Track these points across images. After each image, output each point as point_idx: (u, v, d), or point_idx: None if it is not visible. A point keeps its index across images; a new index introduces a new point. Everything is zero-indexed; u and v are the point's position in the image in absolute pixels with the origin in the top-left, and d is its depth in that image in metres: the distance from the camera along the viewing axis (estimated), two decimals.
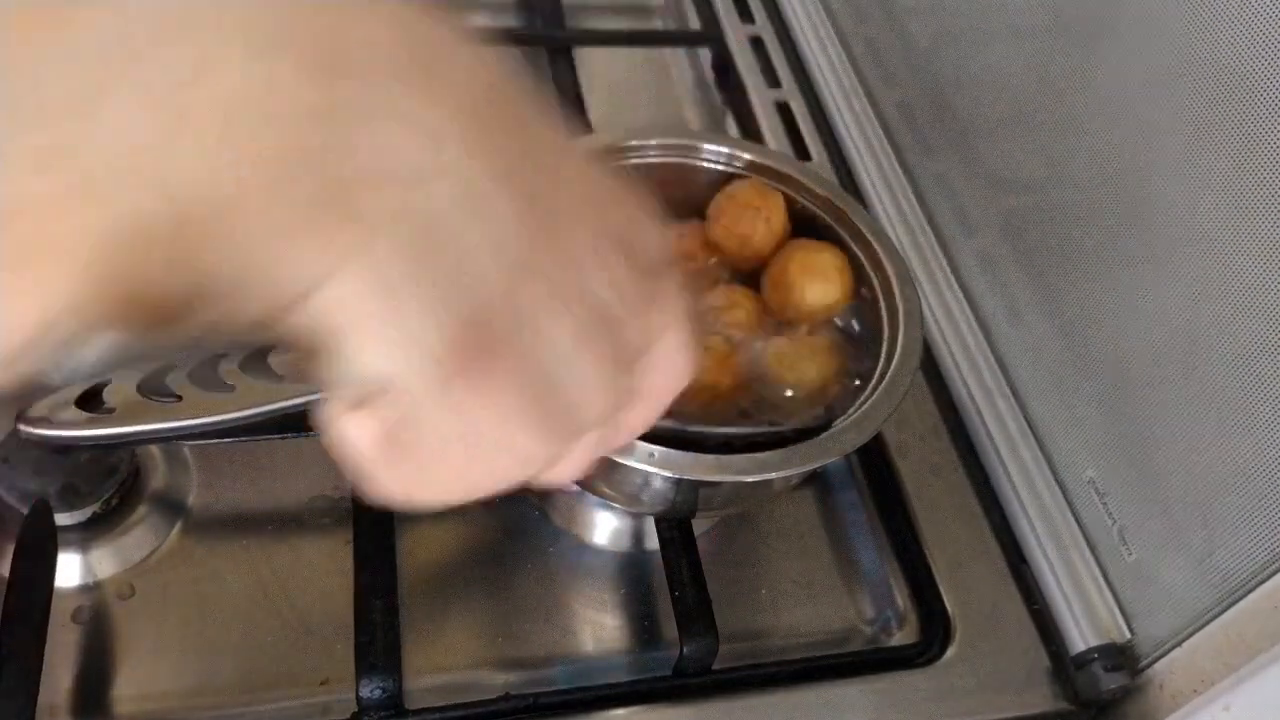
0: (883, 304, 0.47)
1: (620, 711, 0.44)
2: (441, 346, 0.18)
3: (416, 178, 0.17)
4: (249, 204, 0.15)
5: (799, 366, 0.46)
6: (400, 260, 0.17)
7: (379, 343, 0.17)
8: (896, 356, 0.44)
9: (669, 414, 0.25)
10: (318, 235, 0.16)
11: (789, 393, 0.46)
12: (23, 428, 0.30)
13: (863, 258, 0.48)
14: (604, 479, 0.42)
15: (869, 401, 0.42)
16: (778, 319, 0.49)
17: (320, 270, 0.16)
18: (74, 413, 0.29)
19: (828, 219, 0.50)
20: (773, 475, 0.40)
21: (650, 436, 0.39)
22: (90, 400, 0.29)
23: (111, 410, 0.29)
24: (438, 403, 0.18)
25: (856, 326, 0.48)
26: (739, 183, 0.50)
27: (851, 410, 0.42)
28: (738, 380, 0.45)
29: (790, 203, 0.50)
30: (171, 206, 0.15)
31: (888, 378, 0.43)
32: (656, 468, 0.38)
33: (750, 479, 0.40)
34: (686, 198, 0.52)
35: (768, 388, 0.46)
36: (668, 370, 0.24)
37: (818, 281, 0.47)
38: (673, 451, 0.38)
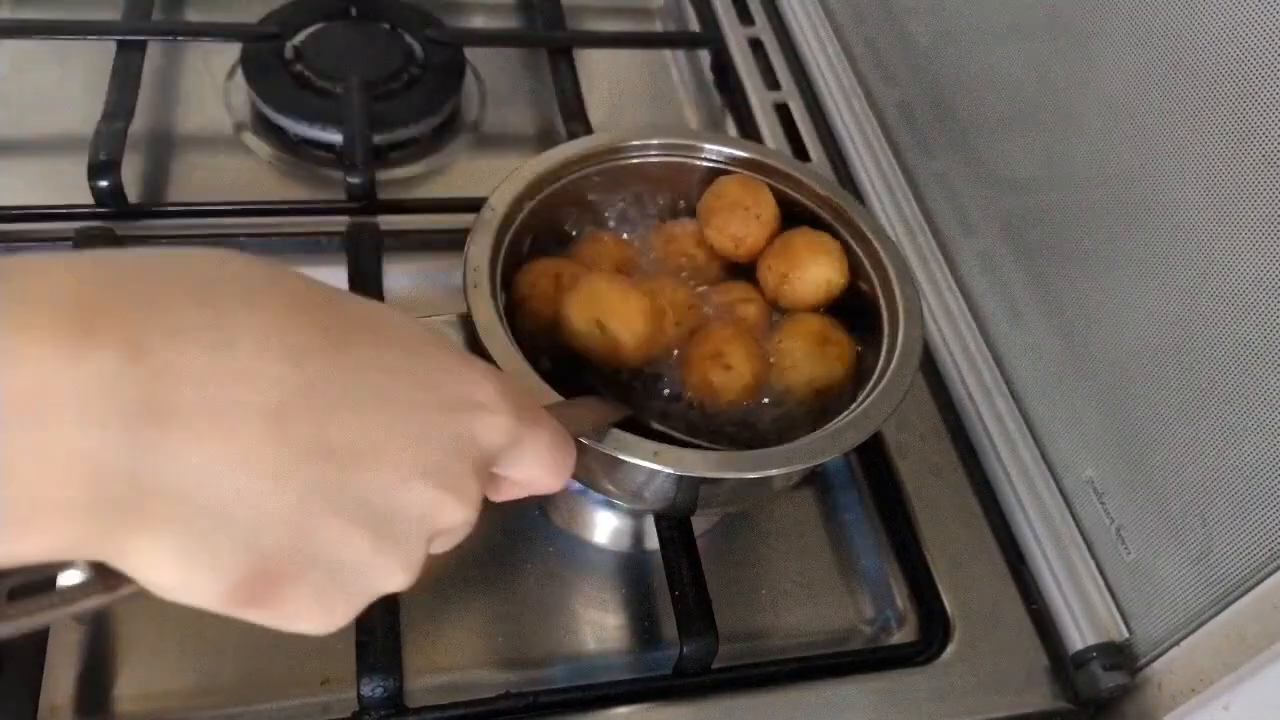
0: (883, 302, 0.47)
1: (620, 711, 0.44)
2: (223, 593, 0.22)
3: (211, 493, 0.21)
4: (70, 507, 0.20)
5: (800, 366, 0.46)
6: (187, 543, 0.21)
7: (170, 591, 0.22)
8: (896, 355, 0.44)
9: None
10: (125, 527, 0.21)
11: (790, 392, 0.46)
12: None
13: (863, 255, 0.48)
14: (607, 476, 0.42)
15: (869, 400, 0.42)
16: (775, 301, 0.49)
17: (122, 550, 0.21)
18: None
19: (828, 217, 0.50)
20: (773, 472, 0.40)
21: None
22: None
23: None
24: (231, 613, 0.23)
25: (856, 325, 0.48)
26: (724, 179, 0.50)
27: (851, 409, 0.42)
28: (760, 379, 0.45)
29: (790, 202, 0.50)
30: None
31: (887, 377, 0.43)
32: (659, 464, 0.38)
33: (751, 475, 0.40)
34: (687, 197, 0.52)
35: (769, 387, 0.46)
36: (533, 475, 0.30)
37: (821, 258, 0.47)
38: (675, 448, 0.39)
